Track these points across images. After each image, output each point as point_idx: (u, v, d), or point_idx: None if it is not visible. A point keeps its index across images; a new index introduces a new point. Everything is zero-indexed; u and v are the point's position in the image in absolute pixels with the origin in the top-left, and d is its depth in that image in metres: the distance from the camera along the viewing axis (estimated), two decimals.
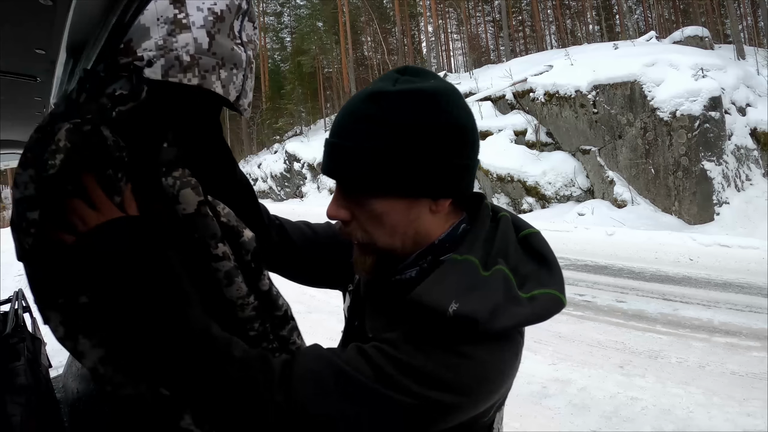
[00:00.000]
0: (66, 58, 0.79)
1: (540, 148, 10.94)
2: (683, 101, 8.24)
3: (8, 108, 1.09)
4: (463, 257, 0.65)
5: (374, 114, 0.62)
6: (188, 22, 0.64)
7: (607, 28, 25.14)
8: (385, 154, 0.61)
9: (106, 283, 0.59)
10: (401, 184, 0.63)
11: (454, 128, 0.63)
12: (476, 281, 0.62)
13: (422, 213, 0.67)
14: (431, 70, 0.69)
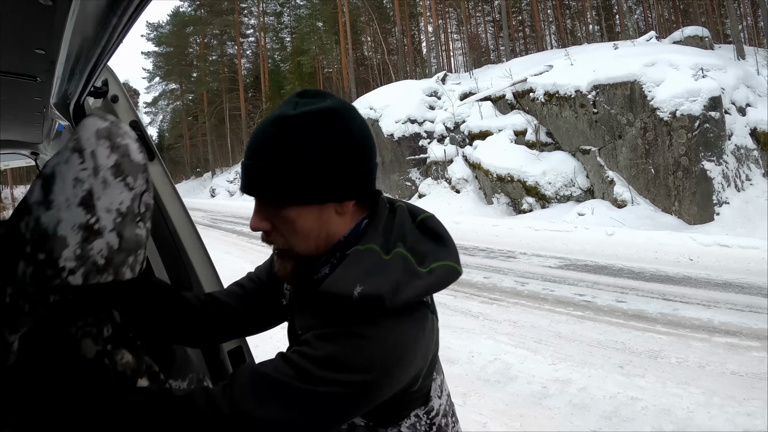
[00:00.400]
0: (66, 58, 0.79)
1: (540, 148, 10.94)
2: (683, 101, 8.24)
3: (8, 108, 1.09)
4: (365, 247, 0.73)
5: (280, 136, 0.71)
6: (100, 227, 0.72)
7: (607, 28, 25.14)
8: (292, 170, 0.71)
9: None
10: (308, 194, 0.72)
11: (350, 140, 0.73)
12: (378, 265, 0.70)
13: (330, 216, 0.75)
14: (327, 91, 0.79)
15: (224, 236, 11.96)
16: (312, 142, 0.70)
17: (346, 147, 0.72)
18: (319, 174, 0.71)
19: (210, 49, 39.77)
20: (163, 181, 1.36)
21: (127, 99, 1.37)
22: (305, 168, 0.70)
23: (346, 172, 0.72)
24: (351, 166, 0.73)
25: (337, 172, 0.72)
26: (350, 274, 0.69)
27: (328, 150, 0.71)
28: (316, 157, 0.71)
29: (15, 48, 0.68)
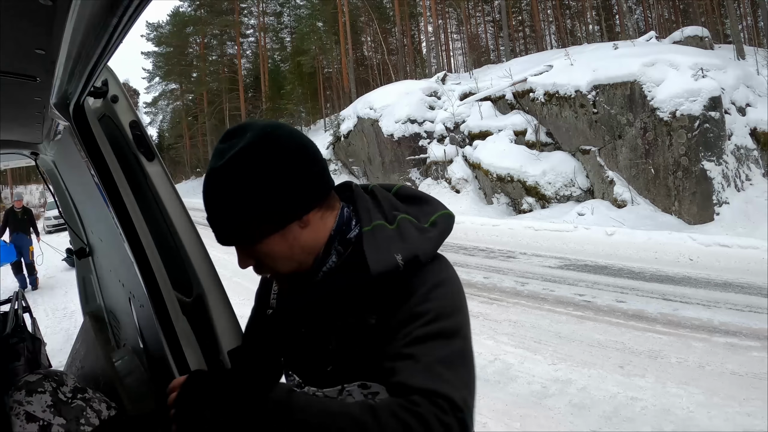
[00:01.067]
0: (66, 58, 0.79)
1: (540, 148, 10.93)
2: (683, 101, 8.23)
3: (8, 108, 1.09)
4: (371, 226, 0.80)
5: (218, 189, 0.77)
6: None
7: (607, 28, 25.13)
8: (241, 215, 0.76)
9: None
10: (264, 228, 0.77)
11: (283, 161, 0.76)
12: (394, 233, 0.79)
13: (296, 234, 0.79)
14: (248, 122, 0.82)
15: None
16: (245, 183, 0.75)
17: (283, 169, 0.75)
18: (264, 207, 0.75)
19: (210, 49, 39.75)
20: (163, 181, 1.36)
21: (127, 99, 1.37)
22: (249, 208, 0.75)
23: (293, 191, 0.76)
24: (295, 183, 0.76)
25: (281, 197, 0.75)
26: (382, 250, 0.76)
27: (267, 181, 0.75)
28: (255, 194, 0.75)
29: (15, 48, 0.68)
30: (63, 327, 5.77)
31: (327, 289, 0.82)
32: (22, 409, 1.20)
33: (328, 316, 0.83)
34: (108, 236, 1.72)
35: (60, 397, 1.27)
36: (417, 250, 0.77)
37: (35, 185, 42.16)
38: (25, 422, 1.18)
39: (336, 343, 0.81)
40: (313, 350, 0.85)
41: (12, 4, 0.54)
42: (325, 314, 0.83)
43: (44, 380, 1.30)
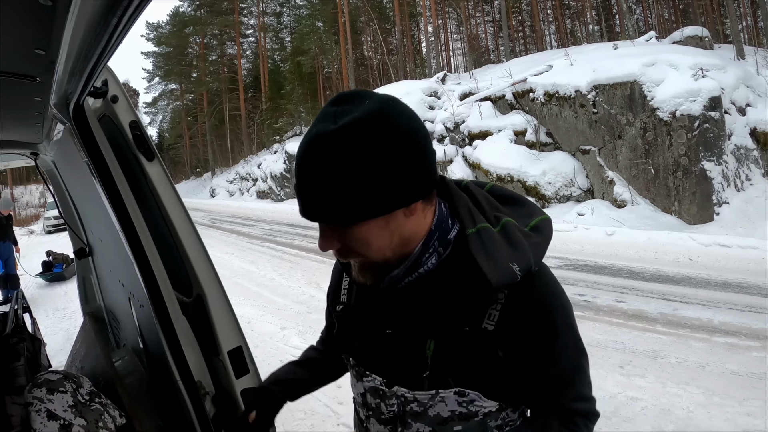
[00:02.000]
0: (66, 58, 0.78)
1: (540, 148, 10.94)
2: (683, 101, 8.23)
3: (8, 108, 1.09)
4: (476, 228, 0.76)
5: (327, 156, 0.67)
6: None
7: (607, 28, 25.14)
8: (348, 189, 0.67)
9: None
10: (371, 209, 0.69)
11: (400, 141, 0.68)
12: (501, 240, 0.75)
13: (400, 221, 0.73)
14: (361, 90, 0.74)
15: (224, 236, 11.96)
16: (362, 156, 0.66)
17: (399, 150, 0.68)
18: (378, 186, 0.68)
19: (210, 49, 39.76)
20: (163, 181, 1.36)
21: (127, 99, 1.37)
22: (361, 184, 0.67)
23: (405, 176, 0.69)
24: (408, 168, 0.69)
25: (396, 179, 0.68)
26: (496, 259, 0.73)
27: (381, 159, 0.67)
28: (371, 170, 0.67)
29: (15, 48, 0.68)
30: (63, 327, 5.77)
31: (432, 292, 0.78)
32: (43, 407, 1.21)
33: (424, 320, 0.79)
34: (108, 236, 1.72)
35: (79, 399, 1.28)
36: (530, 260, 0.74)
37: (35, 185, 42.19)
38: (46, 419, 1.19)
39: (435, 349, 0.78)
40: (405, 354, 0.80)
41: (12, 4, 0.54)
42: (421, 317, 0.79)
43: (65, 380, 1.31)
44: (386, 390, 0.83)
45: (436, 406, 0.78)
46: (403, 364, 0.80)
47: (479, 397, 0.77)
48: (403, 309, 0.80)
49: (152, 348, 1.52)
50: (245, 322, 4.85)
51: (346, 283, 0.93)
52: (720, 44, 15.22)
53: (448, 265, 0.77)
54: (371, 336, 0.85)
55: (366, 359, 0.86)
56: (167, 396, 1.43)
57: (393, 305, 0.81)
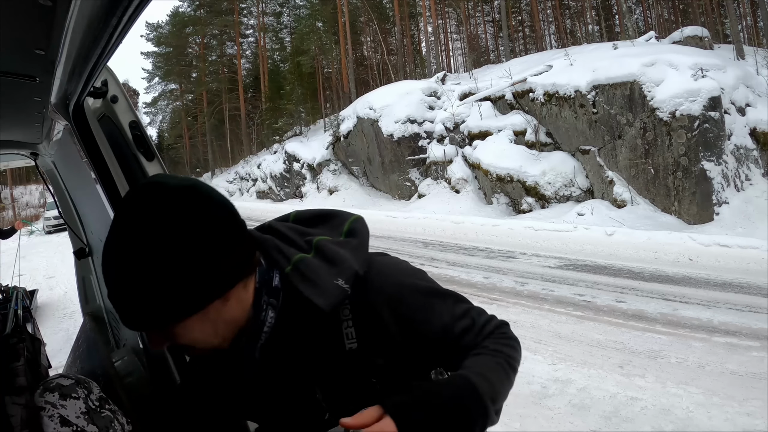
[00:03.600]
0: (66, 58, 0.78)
1: (539, 148, 10.94)
2: (683, 101, 8.23)
3: (8, 108, 1.09)
4: (291, 263, 0.74)
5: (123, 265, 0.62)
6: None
7: (607, 28, 25.15)
8: (155, 295, 0.62)
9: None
10: (182, 310, 0.64)
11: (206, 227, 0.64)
12: (318, 262, 0.74)
13: (219, 310, 0.68)
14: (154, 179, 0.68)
15: None
16: (162, 257, 0.62)
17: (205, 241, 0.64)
18: (185, 286, 0.63)
19: (209, 49, 39.74)
20: None
21: (127, 99, 1.37)
22: (166, 288, 0.62)
23: (218, 264, 0.65)
24: (219, 254, 0.65)
25: (207, 271, 0.64)
26: (319, 284, 0.72)
27: (186, 255, 0.62)
28: (175, 270, 0.62)
29: (15, 48, 0.68)
30: (63, 327, 5.77)
31: (286, 347, 0.76)
32: (56, 412, 1.21)
33: (295, 373, 0.78)
34: None
35: (90, 405, 1.28)
36: (353, 268, 0.73)
37: (35, 185, 42.16)
38: (59, 425, 1.19)
39: (321, 388, 0.77)
40: (299, 407, 0.79)
41: (12, 4, 0.54)
42: (291, 372, 0.78)
43: (77, 386, 1.31)
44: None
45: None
46: (302, 416, 0.80)
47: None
48: (272, 371, 0.78)
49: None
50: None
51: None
52: (720, 44, 15.22)
53: (286, 312, 0.74)
54: (258, 402, 0.84)
55: (267, 422, 0.87)
56: (167, 396, 1.43)
57: (261, 371, 0.79)
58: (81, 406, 1.26)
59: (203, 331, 0.68)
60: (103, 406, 1.32)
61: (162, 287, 0.62)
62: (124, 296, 0.63)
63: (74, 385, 1.31)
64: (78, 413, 1.24)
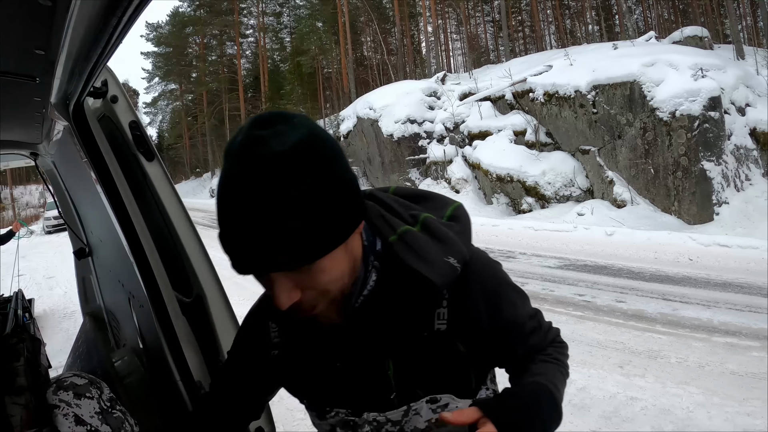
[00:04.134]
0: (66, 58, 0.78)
1: (539, 148, 10.94)
2: (683, 101, 8.24)
3: (8, 108, 1.09)
4: (397, 233, 0.73)
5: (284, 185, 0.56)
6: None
7: (607, 28, 25.15)
8: (318, 217, 0.58)
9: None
10: (340, 232, 0.61)
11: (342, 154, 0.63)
12: (426, 238, 0.73)
13: (354, 242, 0.67)
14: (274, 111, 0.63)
15: None
16: (322, 176, 0.58)
17: (345, 164, 0.63)
18: (341, 206, 0.60)
19: (209, 49, 39.76)
20: (163, 181, 1.36)
21: (127, 99, 1.37)
22: (328, 208, 0.58)
23: (356, 189, 0.63)
24: (354, 179, 0.64)
25: (351, 194, 0.62)
26: (430, 259, 0.71)
27: (337, 176, 0.60)
28: (333, 190, 0.59)
29: (15, 48, 0.68)
30: (63, 327, 5.77)
31: (378, 311, 0.73)
32: (71, 411, 1.22)
33: (375, 342, 0.75)
34: (108, 236, 1.71)
35: (103, 406, 1.29)
36: (463, 251, 0.73)
37: (35, 185, 42.16)
38: (74, 424, 1.19)
39: (395, 367, 0.74)
40: (365, 381, 0.76)
41: (12, 4, 0.54)
42: (372, 340, 0.75)
43: (91, 386, 1.31)
44: (356, 420, 0.78)
45: (411, 420, 0.76)
46: (365, 391, 0.76)
47: (452, 399, 0.76)
48: (351, 337, 0.75)
49: (152, 348, 1.52)
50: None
51: (273, 326, 0.84)
52: (720, 44, 15.22)
53: (385, 279, 0.72)
54: (319, 374, 0.79)
55: (323, 396, 0.80)
56: (167, 396, 1.43)
57: (338, 337, 0.75)
58: (95, 406, 1.27)
59: (343, 265, 0.65)
60: (114, 407, 1.32)
61: (326, 206, 0.58)
62: (282, 221, 0.56)
63: (88, 385, 1.31)
64: (92, 413, 1.25)
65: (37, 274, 9.65)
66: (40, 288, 8.46)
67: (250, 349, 0.87)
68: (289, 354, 0.82)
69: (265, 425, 1.31)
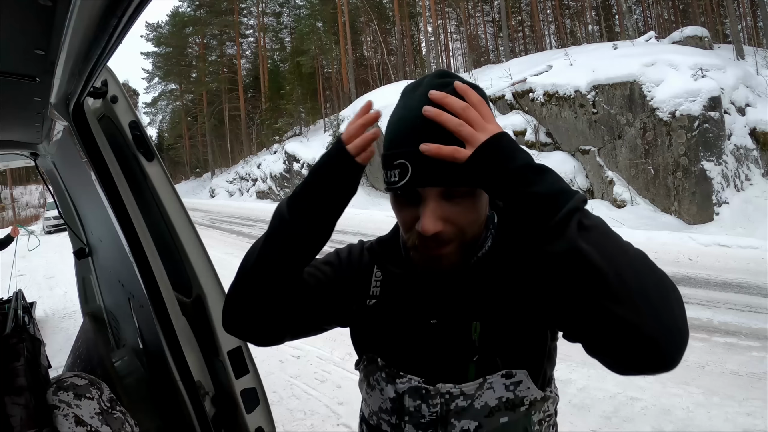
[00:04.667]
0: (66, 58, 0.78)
1: (539, 148, 10.94)
2: (683, 101, 8.24)
3: (8, 108, 1.09)
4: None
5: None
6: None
7: (607, 28, 25.16)
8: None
9: None
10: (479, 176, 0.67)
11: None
12: None
13: (486, 200, 0.75)
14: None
15: (224, 236, 11.96)
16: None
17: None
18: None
19: (209, 49, 39.76)
20: (163, 181, 1.36)
21: (127, 99, 1.37)
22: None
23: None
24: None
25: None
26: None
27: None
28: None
29: (15, 48, 0.68)
30: (63, 327, 5.77)
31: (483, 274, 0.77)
32: (71, 411, 1.22)
33: (471, 303, 0.76)
34: (108, 237, 1.72)
35: (103, 406, 1.29)
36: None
37: (35, 185, 42.18)
38: (74, 425, 1.20)
39: (482, 330, 0.74)
40: (450, 343, 0.76)
41: (12, 4, 0.54)
42: (469, 301, 0.76)
43: (91, 386, 1.32)
44: (429, 388, 0.76)
45: (484, 395, 0.74)
46: (447, 355, 0.76)
47: (526, 376, 0.75)
48: (452, 295, 0.77)
49: (152, 348, 1.52)
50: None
51: (378, 275, 0.86)
52: (720, 44, 15.22)
53: (498, 245, 0.78)
54: (410, 330, 0.79)
55: (400, 358, 0.79)
56: (167, 396, 1.43)
57: (440, 292, 0.78)
58: (95, 407, 1.27)
59: (476, 214, 0.71)
60: (114, 408, 1.32)
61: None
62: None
63: (88, 386, 1.31)
64: (92, 413, 1.25)
65: (37, 275, 9.65)
66: (40, 288, 8.45)
67: (346, 284, 0.86)
68: (385, 307, 0.82)
69: (265, 425, 1.32)
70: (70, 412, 1.21)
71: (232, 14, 37.23)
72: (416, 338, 0.78)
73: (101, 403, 1.29)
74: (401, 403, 0.78)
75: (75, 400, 1.24)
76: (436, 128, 0.66)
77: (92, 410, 1.25)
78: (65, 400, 1.23)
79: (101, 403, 1.29)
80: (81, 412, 1.23)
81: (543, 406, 0.78)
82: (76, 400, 1.24)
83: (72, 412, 1.21)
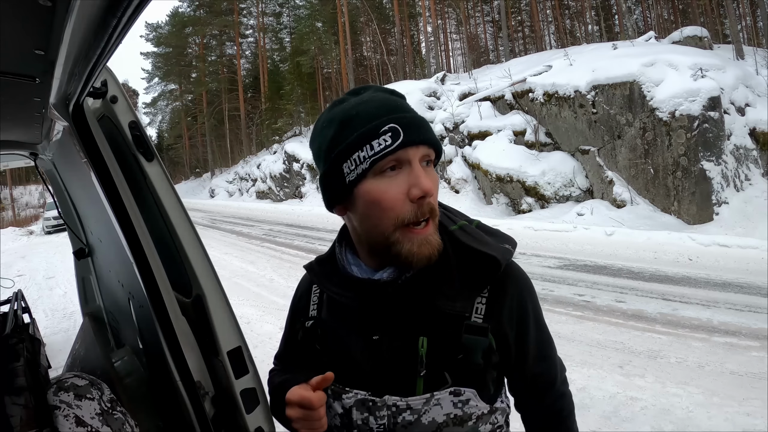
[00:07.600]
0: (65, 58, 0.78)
1: (539, 148, 10.94)
2: (682, 101, 8.24)
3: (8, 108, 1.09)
4: (458, 225, 0.84)
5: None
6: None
7: (606, 28, 25.16)
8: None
9: None
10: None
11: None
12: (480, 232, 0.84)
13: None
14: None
15: (223, 236, 11.96)
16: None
17: None
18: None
19: (209, 49, 39.76)
20: (163, 181, 1.36)
21: (126, 99, 1.37)
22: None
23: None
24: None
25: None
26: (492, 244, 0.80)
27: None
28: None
29: (15, 48, 0.68)
30: (63, 327, 5.77)
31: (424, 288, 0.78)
32: (72, 412, 1.21)
33: (415, 318, 0.77)
34: (107, 237, 1.72)
35: (104, 407, 1.29)
36: (512, 241, 0.84)
37: (35, 185, 42.15)
38: (75, 425, 1.19)
39: (429, 346, 0.76)
40: (396, 358, 0.77)
41: (12, 4, 0.54)
42: (413, 316, 0.78)
43: (91, 387, 1.31)
44: (376, 400, 0.77)
45: (431, 411, 0.75)
46: (393, 370, 0.77)
47: (474, 395, 0.76)
48: (393, 310, 0.78)
49: (152, 348, 1.52)
50: (245, 322, 4.84)
51: (315, 297, 0.89)
52: (719, 44, 15.22)
53: (443, 257, 0.78)
54: (352, 347, 0.81)
55: (345, 375, 0.81)
56: (167, 396, 1.43)
57: (381, 308, 0.79)
58: (96, 408, 1.27)
59: (438, 187, 0.77)
60: (114, 408, 1.32)
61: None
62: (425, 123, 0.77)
63: (89, 386, 1.31)
64: (93, 414, 1.25)
65: (37, 275, 9.65)
66: (40, 288, 8.45)
67: (293, 320, 0.95)
68: (323, 326, 0.86)
69: (265, 425, 1.31)
70: (70, 413, 1.21)
71: (232, 14, 37.22)
72: (359, 355, 0.80)
73: (102, 403, 1.29)
74: (350, 418, 0.80)
75: (76, 400, 1.24)
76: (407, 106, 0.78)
77: (93, 411, 1.25)
78: (66, 400, 1.23)
79: (102, 404, 1.29)
80: (82, 413, 1.22)
81: (491, 418, 0.79)
82: (77, 401, 1.24)
83: (73, 413, 1.21)
